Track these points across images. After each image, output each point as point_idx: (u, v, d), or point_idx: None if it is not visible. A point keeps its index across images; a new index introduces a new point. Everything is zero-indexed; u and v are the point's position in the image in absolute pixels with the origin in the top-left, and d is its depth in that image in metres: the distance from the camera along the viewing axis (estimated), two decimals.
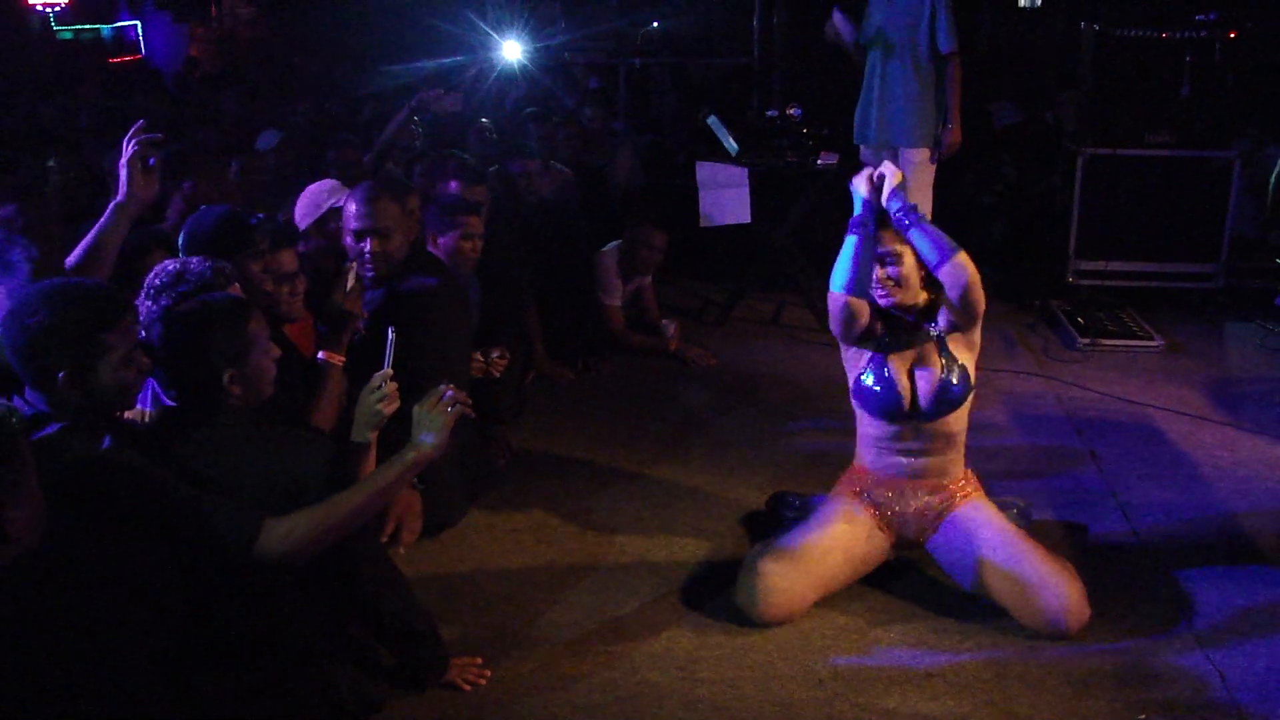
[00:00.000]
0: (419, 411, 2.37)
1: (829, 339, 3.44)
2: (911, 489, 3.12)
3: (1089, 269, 5.93)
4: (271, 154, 5.60)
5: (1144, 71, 5.86)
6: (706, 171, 5.73)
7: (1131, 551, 3.44)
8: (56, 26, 15.38)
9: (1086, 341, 5.38)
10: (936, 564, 3.18)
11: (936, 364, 3.03)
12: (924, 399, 3.02)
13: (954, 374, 3.02)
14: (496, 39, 7.39)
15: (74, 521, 2.02)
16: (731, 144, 5.84)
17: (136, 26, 16.43)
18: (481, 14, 8.88)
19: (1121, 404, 4.67)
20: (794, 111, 5.92)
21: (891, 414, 3.06)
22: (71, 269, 2.57)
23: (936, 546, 3.14)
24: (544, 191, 5.56)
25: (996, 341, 5.36)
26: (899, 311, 3.07)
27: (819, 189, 5.81)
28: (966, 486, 3.14)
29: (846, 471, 3.26)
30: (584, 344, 5.21)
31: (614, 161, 6.66)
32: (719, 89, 9.17)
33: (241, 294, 2.78)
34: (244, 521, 2.21)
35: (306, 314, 3.32)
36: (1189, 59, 5.80)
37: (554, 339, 5.06)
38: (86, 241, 2.60)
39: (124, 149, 2.71)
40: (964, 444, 3.16)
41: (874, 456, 3.16)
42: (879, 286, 3.03)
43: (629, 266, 5.32)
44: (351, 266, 3.32)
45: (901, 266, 3.01)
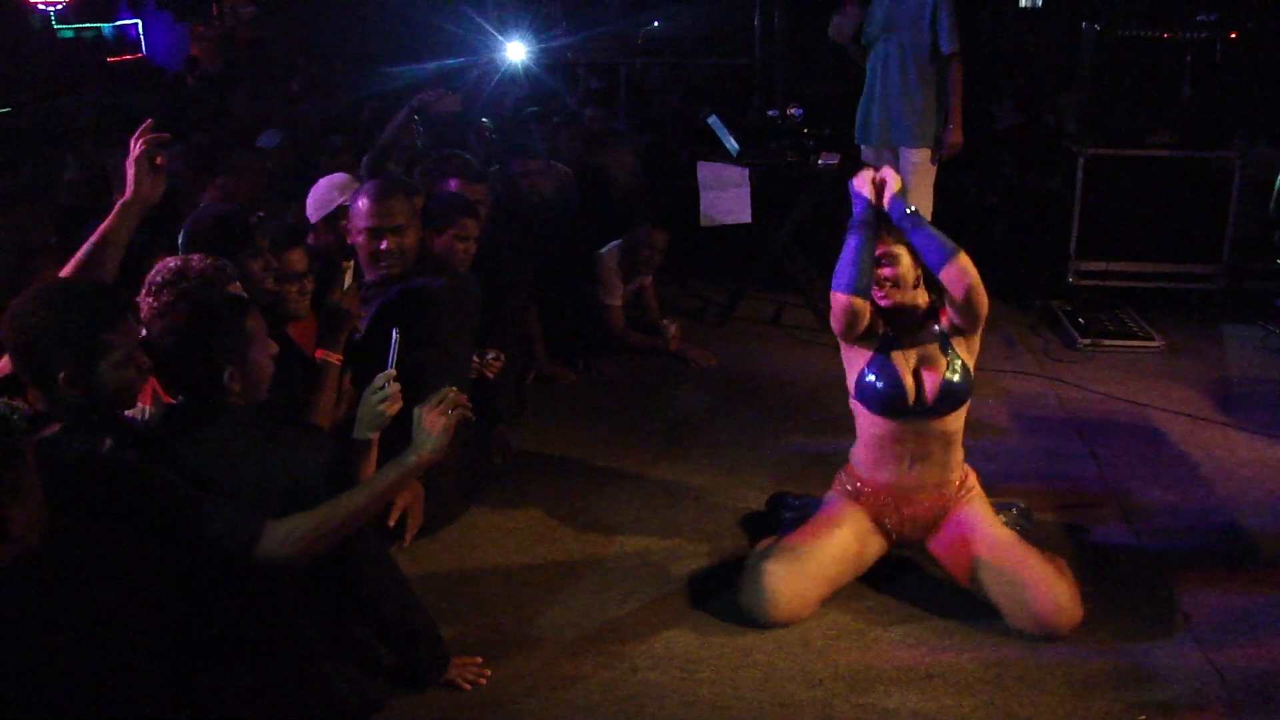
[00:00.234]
0: (420, 415, 2.37)
1: (830, 339, 3.44)
2: (909, 498, 3.12)
3: (1090, 269, 5.92)
4: (274, 153, 5.60)
5: (1145, 72, 5.85)
6: (707, 171, 5.73)
7: (1131, 552, 3.44)
8: (57, 25, 15.40)
9: (1087, 342, 5.38)
10: (937, 563, 3.18)
11: (940, 361, 3.04)
12: (928, 393, 3.02)
13: (957, 371, 3.03)
14: (500, 40, 7.40)
15: (74, 521, 2.02)
16: (732, 144, 5.84)
17: (137, 25, 16.45)
18: (484, 15, 8.88)
19: (1122, 405, 4.67)
20: (795, 112, 5.93)
21: (895, 409, 3.04)
22: (76, 267, 2.56)
23: (935, 547, 3.15)
24: (545, 191, 5.56)
25: (997, 341, 5.36)
26: (898, 311, 3.08)
27: (820, 189, 5.81)
28: (965, 488, 3.14)
29: (842, 473, 3.26)
30: (585, 344, 5.21)
31: (614, 161, 6.66)
32: (720, 89, 9.18)
33: (242, 292, 2.79)
34: (245, 524, 2.21)
35: (311, 312, 3.32)
36: (1190, 59, 5.80)
37: (555, 339, 5.06)
38: (92, 240, 2.60)
39: (132, 147, 2.71)
40: (961, 446, 3.16)
41: (873, 462, 3.15)
42: (876, 287, 3.05)
43: (630, 266, 5.32)
44: (349, 265, 3.32)
45: (898, 267, 3.03)
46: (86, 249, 2.58)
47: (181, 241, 3.09)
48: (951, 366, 3.03)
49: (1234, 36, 5.81)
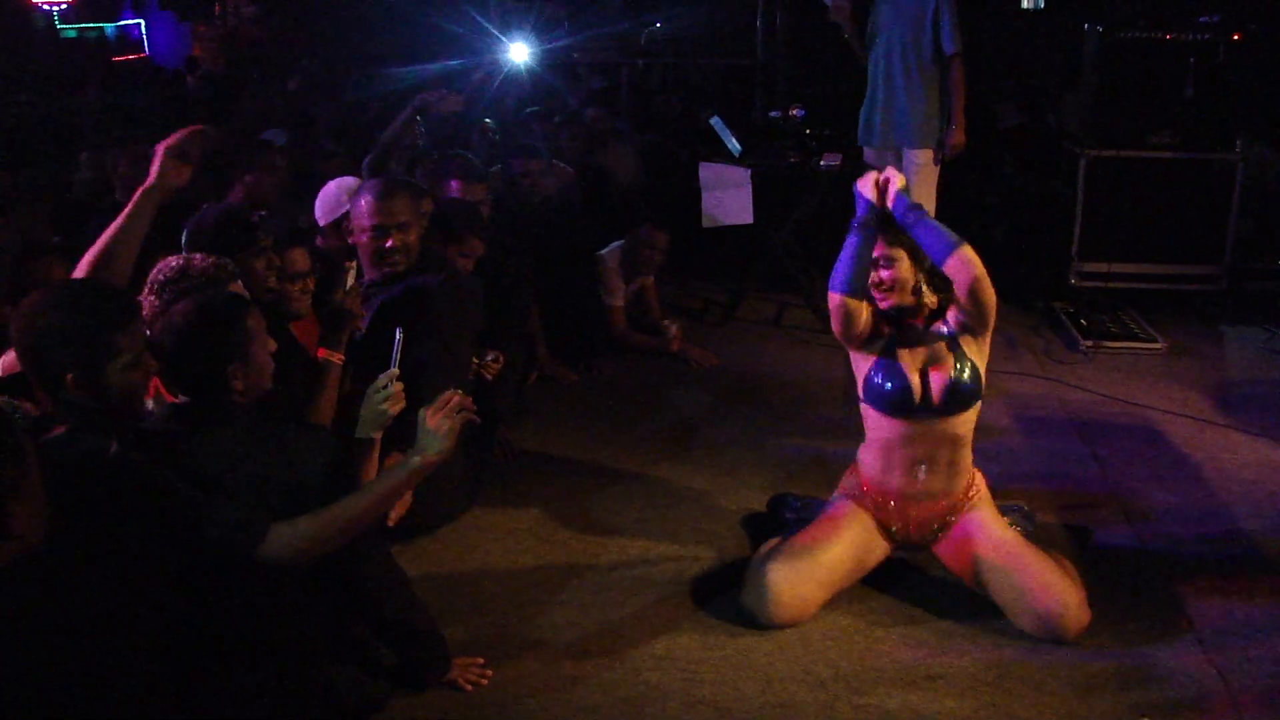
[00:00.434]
0: (424, 417, 2.36)
1: (831, 340, 3.44)
2: (916, 504, 3.11)
3: (1091, 271, 5.92)
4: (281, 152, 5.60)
5: (1147, 73, 5.85)
6: (709, 172, 5.74)
7: (1134, 554, 3.44)
8: (61, 25, 15.42)
9: (1089, 343, 5.37)
10: (940, 565, 3.18)
11: (948, 360, 3.02)
12: (935, 392, 3.01)
13: (965, 371, 3.01)
14: (503, 41, 7.40)
15: (77, 521, 2.01)
16: (734, 145, 5.85)
17: (140, 25, 16.47)
18: (487, 16, 8.88)
19: (1124, 406, 4.66)
20: (797, 112, 5.94)
21: (901, 408, 3.03)
22: (96, 256, 2.55)
23: (940, 549, 3.15)
24: (547, 191, 5.56)
25: (999, 343, 5.35)
26: (900, 313, 3.07)
27: (822, 190, 5.81)
28: (971, 493, 3.13)
29: (849, 474, 3.26)
30: (586, 344, 5.20)
31: (616, 162, 6.66)
32: (722, 90, 9.17)
33: (243, 291, 2.80)
34: (248, 526, 2.21)
35: (312, 312, 3.33)
36: (1192, 61, 5.80)
37: (556, 339, 5.06)
38: (110, 230, 2.60)
39: (171, 138, 2.72)
40: (971, 451, 3.14)
41: (881, 466, 3.13)
42: (875, 290, 3.04)
43: (631, 267, 5.32)
44: (351, 265, 3.32)
45: (896, 270, 3.01)
46: (106, 239, 2.58)
47: (184, 241, 3.10)
48: (959, 366, 3.01)
49: (1236, 38, 5.81)
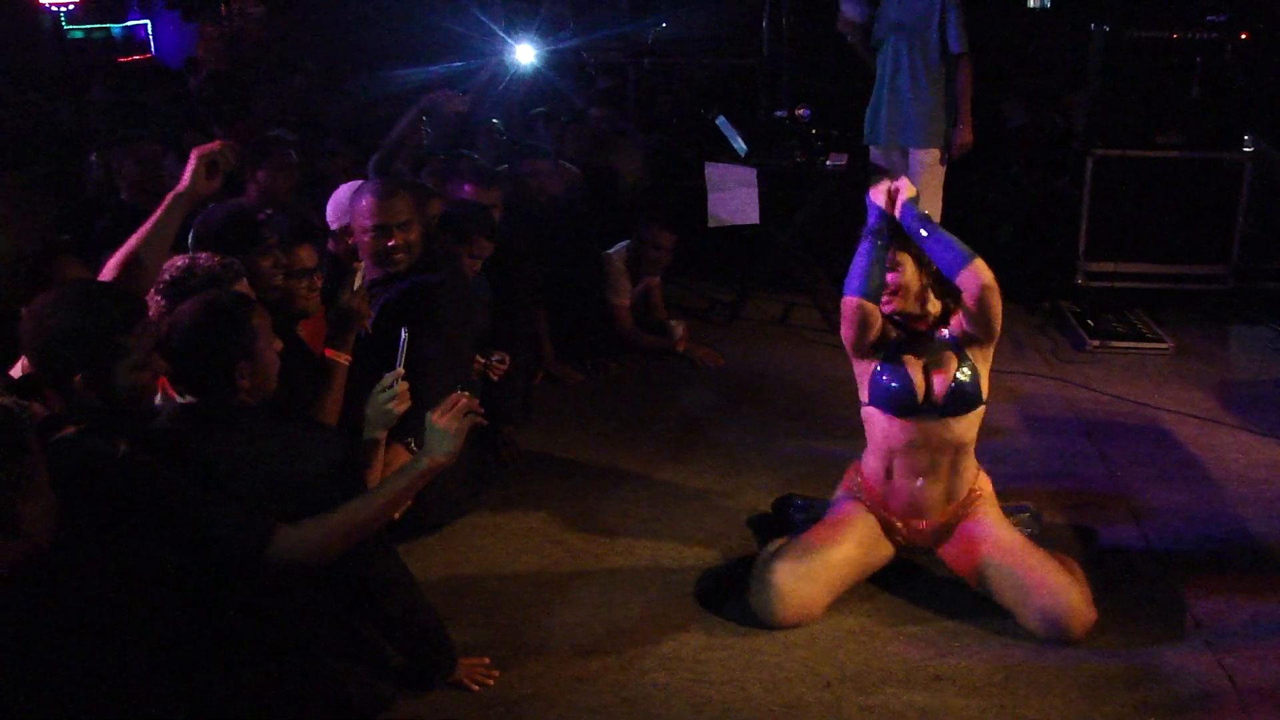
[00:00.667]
0: (432, 419, 2.36)
1: (837, 340, 3.44)
2: (919, 514, 3.11)
3: (1098, 270, 5.91)
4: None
5: (1154, 73, 5.83)
6: (715, 172, 5.73)
7: (1141, 554, 3.43)
8: (67, 26, 15.44)
9: (1096, 343, 5.36)
10: (945, 566, 3.17)
11: (951, 362, 3.03)
12: (938, 391, 3.00)
13: (969, 373, 3.02)
14: (509, 43, 7.39)
15: (85, 522, 2.02)
16: (740, 144, 5.84)
17: (146, 26, 16.49)
18: (492, 17, 8.87)
19: (1131, 406, 4.65)
20: (803, 112, 5.92)
21: (906, 407, 3.03)
22: (124, 259, 2.56)
23: (945, 552, 3.15)
24: (554, 191, 5.56)
25: (1005, 343, 5.32)
26: (905, 319, 3.09)
27: (828, 190, 5.80)
28: (975, 498, 3.12)
29: (851, 473, 3.25)
30: (592, 344, 5.20)
31: (621, 162, 6.65)
32: (728, 89, 9.16)
33: (249, 290, 2.80)
34: (254, 528, 2.21)
35: (320, 311, 3.33)
36: (1199, 60, 5.78)
37: (562, 339, 5.06)
38: (139, 234, 2.61)
39: (205, 146, 2.74)
40: (974, 461, 3.14)
41: (884, 476, 3.13)
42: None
43: (637, 267, 5.32)
44: (360, 265, 3.32)
45: (901, 274, 3.04)
46: (134, 243, 2.59)
47: (190, 240, 3.10)
48: (963, 368, 3.02)
49: (1243, 37, 5.79)
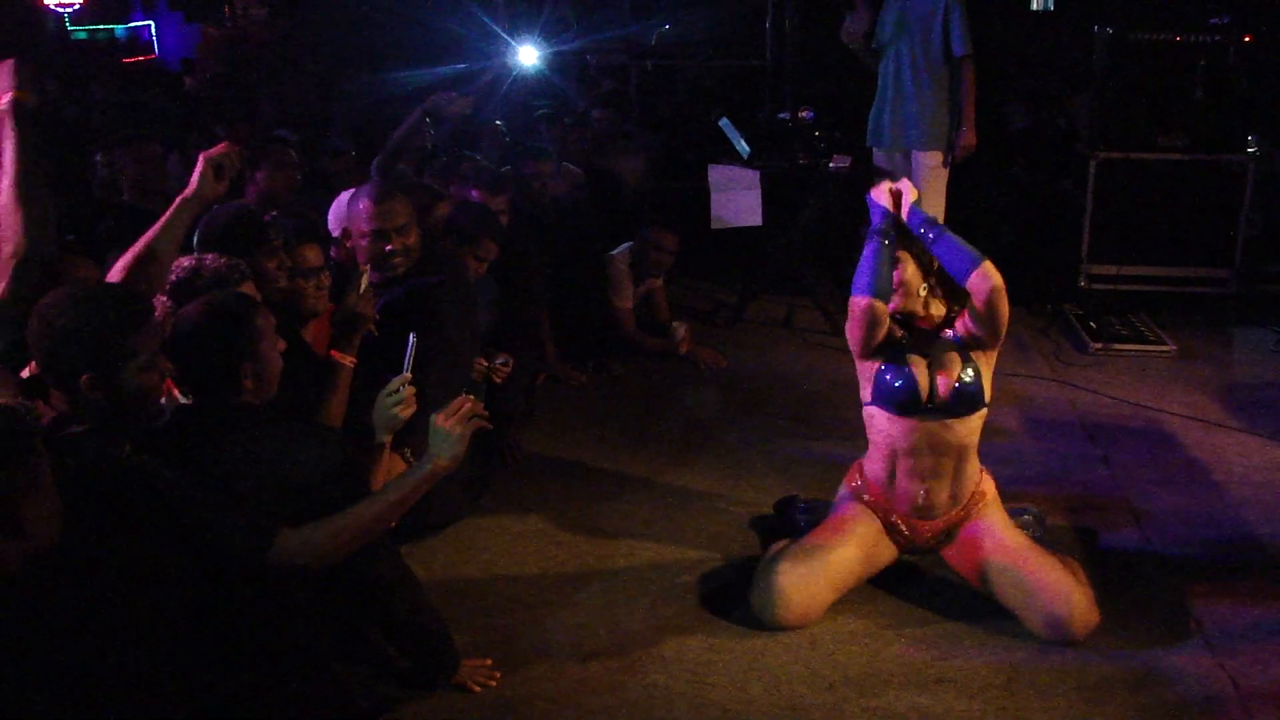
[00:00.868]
0: (437, 422, 2.37)
1: (840, 342, 3.44)
2: (922, 522, 3.11)
3: (1101, 273, 5.90)
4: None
5: (1157, 75, 5.83)
6: (718, 174, 5.73)
7: (1144, 557, 3.43)
8: (71, 27, 15.47)
9: (1099, 346, 5.36)
10: (948, 567, 3.17)
11: (955, 363, 3.03)
12: (941, 391, 3.00)
13: (972, 374, 3.02)
14: (512, 44, 7.40)
15: (90, 523, 2.02)
16: (743, 146, 5.84)
17: (150, 27, 16.52)
18: (495, 19, 8.88)
19: (1134, 409, 4.65)
20: (806, 114, 5.93)
21: (909, 406, 3.03)
22: (132, 261, 2.57)
23: (948, 553, 3.15)
24: (557, 193, 5.56)
25: (1008, 345, 5.27)
26: (909, 319, 3.09)
27: (831, 192, 5.80)
28: (979, 500, 3.13)
29: (853, 473, 3.25)
30: (595, 346, 5.21)
31: (624, 163, 6.66)
32: (731, 91, 9.16)
33: (255, 291, 2.80)
34: (258, 531, 2.21)
35: (326, 313, 3.33)
36: (1202, 63, 5.78)
37: (565, 341, 5.07)
38: (147, 236, 2.62)
39: (213, 149, 2.75)
40: (977, 464, 3.14)
41: (886, 479, 3.13)
42: None
43: (640, 268, 5.32)
44: (366, 269, 3.33)
45: (901, 272, 3.05)
46: (143, 244, 2.60)
47: (196, 241, 3.10)
48: (967, 370, 3.02)
49: (1247, 39, 5.79)
